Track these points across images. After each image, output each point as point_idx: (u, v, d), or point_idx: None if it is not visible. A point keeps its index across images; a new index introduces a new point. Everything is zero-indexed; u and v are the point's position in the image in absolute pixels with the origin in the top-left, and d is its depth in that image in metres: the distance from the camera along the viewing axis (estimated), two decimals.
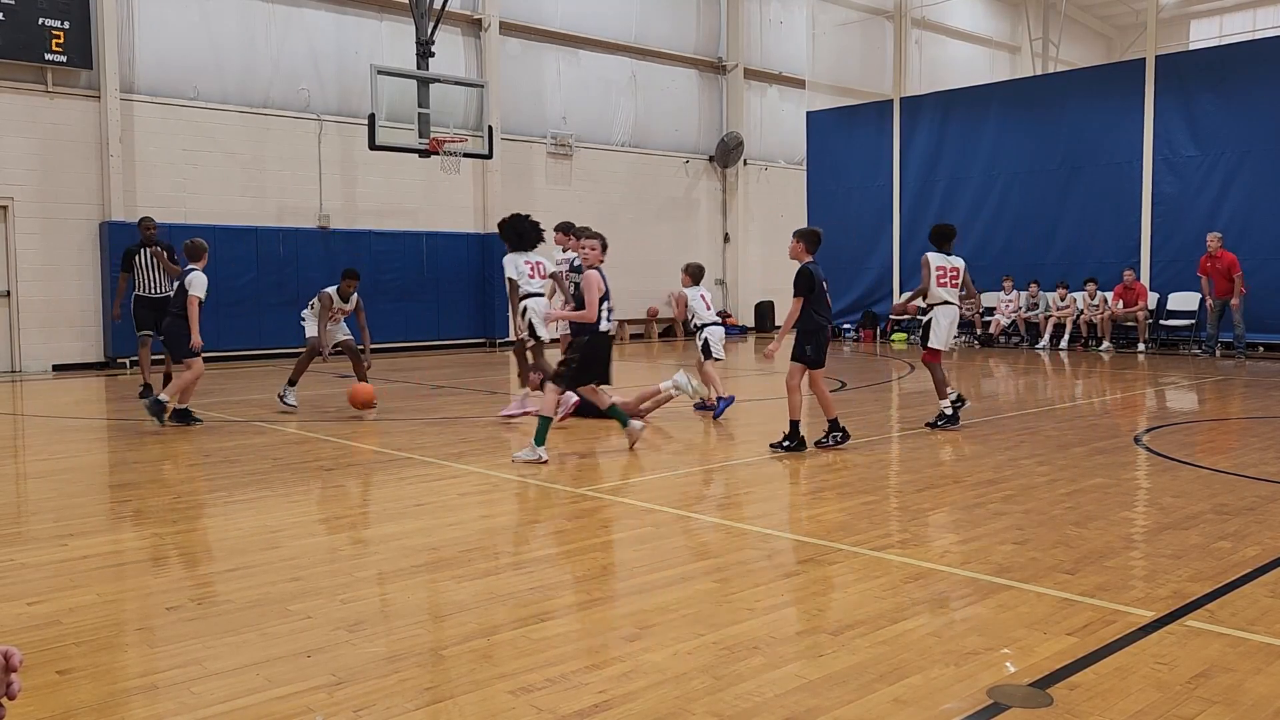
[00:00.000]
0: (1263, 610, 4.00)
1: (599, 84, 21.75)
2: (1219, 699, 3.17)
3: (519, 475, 6.97)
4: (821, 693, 3.24)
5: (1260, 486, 6.34)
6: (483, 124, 16.69)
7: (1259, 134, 16.18)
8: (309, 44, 17.69)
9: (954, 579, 4.45)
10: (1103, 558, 4.76)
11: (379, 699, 3.22)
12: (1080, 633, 3.75)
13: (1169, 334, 17.26)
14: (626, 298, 21.49)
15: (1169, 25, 25.86)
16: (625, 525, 5.60)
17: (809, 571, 4.64)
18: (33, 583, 4.56)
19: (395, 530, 5.52)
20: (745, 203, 24.59)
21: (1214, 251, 15.50)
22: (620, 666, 3.47)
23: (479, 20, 19.62)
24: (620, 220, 21.70)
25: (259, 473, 7.18)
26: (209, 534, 5.52)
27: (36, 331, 15.24)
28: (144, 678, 3.50)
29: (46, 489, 6.79)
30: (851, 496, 6.18)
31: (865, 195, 21.52)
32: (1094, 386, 12.51)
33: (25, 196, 15.03)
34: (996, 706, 3.13)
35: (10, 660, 1.53)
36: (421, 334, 18.76)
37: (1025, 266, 18.75)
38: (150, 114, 16.06)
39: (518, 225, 9.94)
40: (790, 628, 3.88)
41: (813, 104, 22.68)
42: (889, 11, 22.36)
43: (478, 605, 4.18)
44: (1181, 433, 8.78)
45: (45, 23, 14.80)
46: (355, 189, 18.31)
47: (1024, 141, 19.02)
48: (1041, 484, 6.46)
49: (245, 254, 16.83)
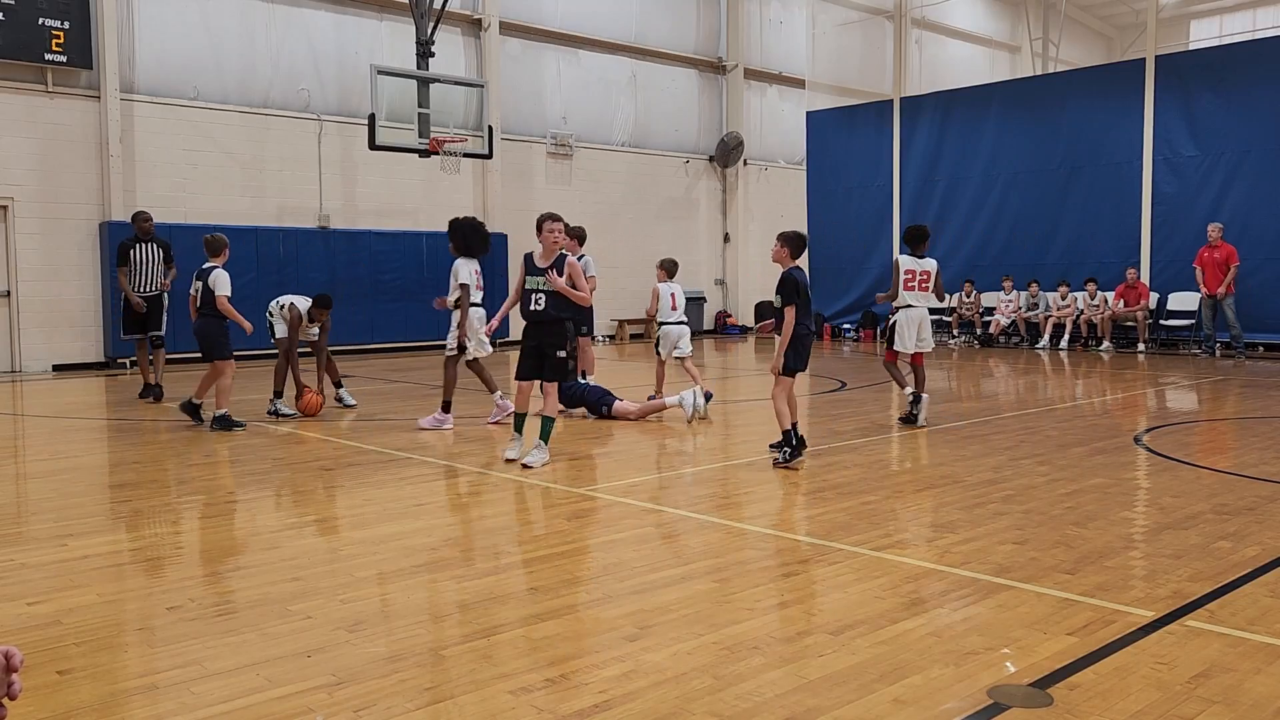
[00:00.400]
0: (1263, 610, 4.00)
1: (599, 84, 21.75)
2: (1219, 699, 3.17)
3: (519, 475, 6.97)
4: (821, 693, 3.24)
5: (1260, 486, 6.34)
6: (483, 124, 16.69)
7: (1259, 134, 16.19)
8: (309, 44, 17.69)
9: (954, 579, 4.45)
10: (1103, 558, 4.76)
11: (379, 699, 3.22)
12: (1080, 633, 3.75)
13: (1169, 334, 17.27)
14: (626, 297, 21.51)
15: (1169, 25, 25.86)
16: (625, 525, 5.60)
17: (809, 571, 4.64)
18: (33, 583, 4.56)
19: (395, 530, 5.52)
20: (745, 203, 24.58)
21: (1214, 241, 15.51)
22: (620, 666, 3.47)
23: (479, 20, 19.61)
24: (620, 220, 21.71)
25: (259, 473, 7.18)
26: (209, 534, 5.51)
27: (36, 331, 15.24)
28: (144, 678, 3.50)
29: (46, 489, 6.79)
30: (851, 496, 6.18)
31: (865, 195, 21.52)
32: (1094, 386, 12.50)
33: (25, 196, 15.03)
34: (996, 706, 3.13)
35: (11, 661, 1.53)
36: (421, 334, 18.74)
37: (1025, 266, 18.75)
38: (150, 114, 16.06)
39: (470, 232, 9.27)
40: (790, 628, 3.88)
41: (813, 104, 22.69)
42: (889, 11, 22.37)
43: (478, 605, 4.18)
44: (1181, 433, 8.79)
45: (45, 23, 14.80)
46: (355, 189, 18.31)
47: (1024, 141, 19.02)
48: (1042, 484, 6.46)
49: (245, 254, 16.78)
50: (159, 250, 11.56)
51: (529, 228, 22.65)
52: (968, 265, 19.71)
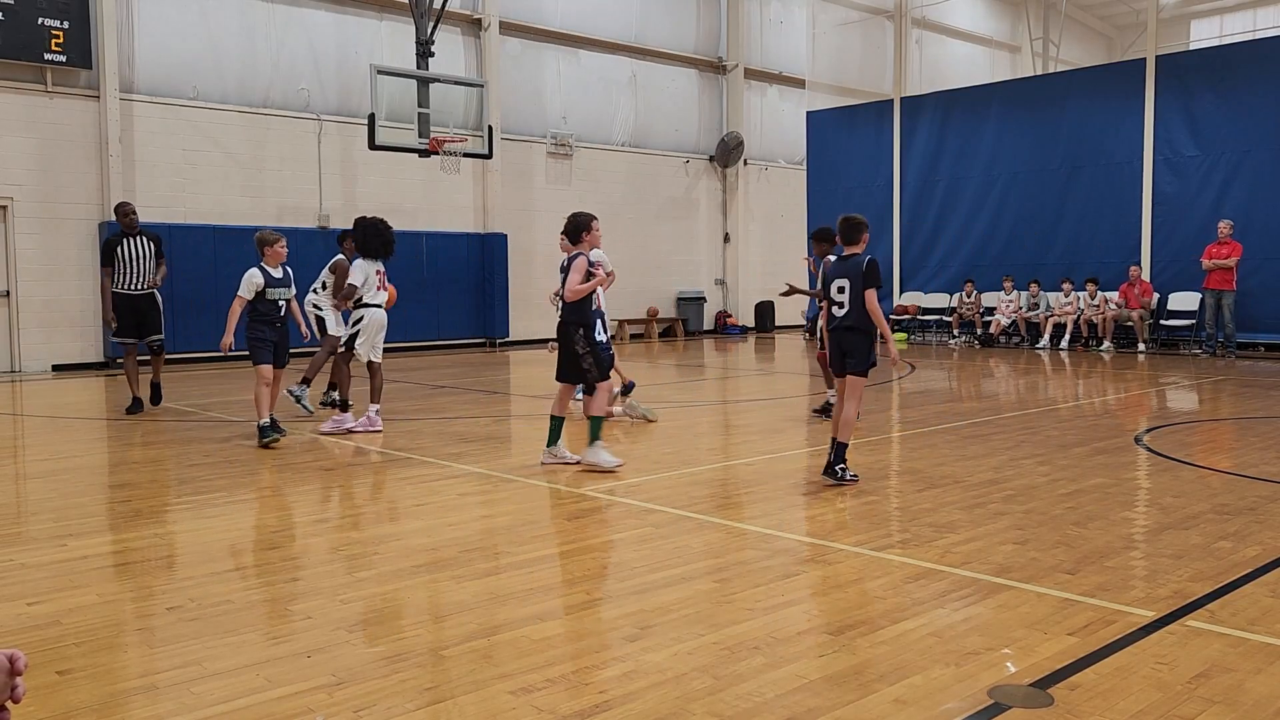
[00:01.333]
0: (1263, 610, 3.99)
1: (599, 84, 21.75)
2: (1219, 699, 3.17)
3: (519, 475, 6.97)
4: (822, 693, 3.24)
5: (1261, 486, 6.34)
6: (483, 124, 16.69)
7: (1259, 134, 16.18)
8: (309, 44, 17.69)
9: (954, 579, 4.45)
10: (1103, 558, 4.75)
11: (379, 699, 3.22)
12: (1081, 633, 3.75)
13: (1169, 334, 17.26)
14: (626, 297, 21.50)
15: (1169, 25, 25.85)
16: (625, 525, 5.60)
17: (809, 571, 4.64)
18: (33, 583, 4.56)
19: (395, 530, 5.52)
20: (745, 202, 24.58)
21: (1224, 238, 15.51)
22: (620, 666, 3.47)
23: (479, 20, 19.61)
24: (620, 220, 21.69)
25: (259, 473, 7.18)
26: (209, 534, 5.51)
27: (36, 331, 15.23)
28: (144, 678, 3.50)
29: (46, 489, 6.79)
30: (851, 496, 6.18)
31: (865, 195, 21.50)
32: (1095, 386, 12.50)
33: (25, 196, 15.03)
34: (997, 707, 3.13)
35: (15, 664, 1.52)
36: (421, 334, 18.75)
37: (1026, 266, 18.75)
38: (150, 114, 16.06)
39: (371, 233, 8.93)
40: (790, 628, 3.87)
41: (813, 104, 22.69)
42: (889, 11, 22.37)
43: (478, 605, 4.18)
44: (1182, 433, 8.78)
45: (45, 22, 14.79)
46: (355, 189, 18.31)
47: (1024, 141, 19.02)
48: (1042, 484, 6.45)
49: (245, 254, 16.74)
50: (148, 245, 10.33)
51: (529, 227, 22.76)
52: (968, 265, 19.72)
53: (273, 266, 8.57)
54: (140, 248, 10.26)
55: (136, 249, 10.24)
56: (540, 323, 19.23)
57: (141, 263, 10.26)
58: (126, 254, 10.21)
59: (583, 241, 7.50)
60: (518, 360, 17.11)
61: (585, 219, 7.55)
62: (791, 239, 23.04)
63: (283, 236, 8.72)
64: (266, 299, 8.48)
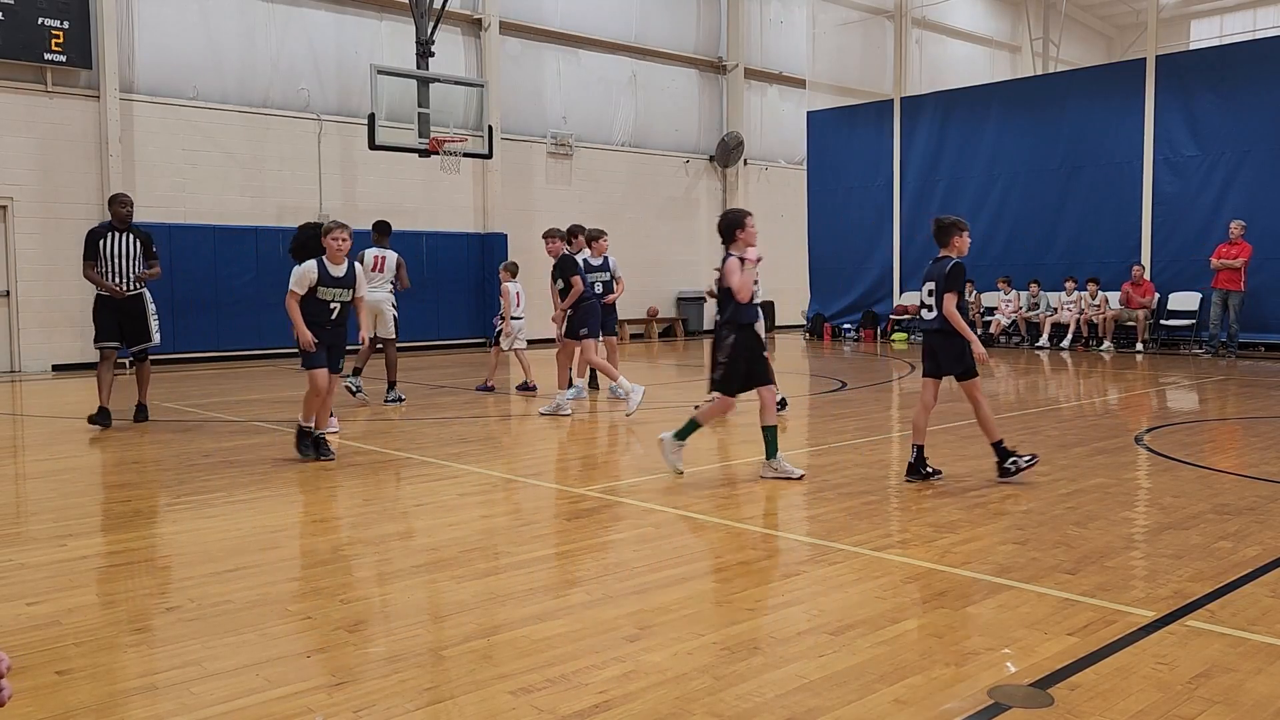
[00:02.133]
0: (1263, 610, 3.99)
1: (599, 84, 21.75)
2: (1220, 699, 3.17)
3: (518, 475, 6.97)
4: (822, 693, 3.24)
5: (1261, 486, 6.34)
6: (483, 124, 16.68)
7: (1259, 134, 16.18)
8: (309, 44, 17.69)
9: (954, 579, 4.45)
10: (1103, 558, 4.75)
11: (379, 699, 3.22)
12: (1081, 633, 3.75)
13: (1169, 334, 17.26)
14: (626, 297, 21.42)
15: (1169, 25, 25.84)
16: (625, 525, 5.60)
17: (809, 571, 4.64)
18: (32, 583, 4.55)
19: (395, 530, 5.52)
20: (745, 202, 24.55)
21: (1236, 239, 15.51)
22: (620, 666, 3.47)
23: (479, 20, 19.61)
24: (620, 220, 21.68)
25: (259, 473, 7.17)
26: (208, 534, 5.51)
27: (36, 331, 15.23)
28: (144, 678, 3.50)
29: (46, 489, 6.78)
30: (851, 496, 6.17)
31: (865, 195, 21.51)
32: (1095, 386, 12.50)
33: (25, 196, 15.03)
34: (997, 707, 3.13)
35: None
36: (421, 334, 18.74)
37: (1026, 266, 18.74)
38: (150, 114, 16.06)
39: (313, 245, 7.64)
40: (790, 628, 3.87)
41: (813, 104, 22.68)
42: (889, 11, 22.36)
43: (478, 605, 4.17)
44: (1182, 432, 8.78)
45: (45, 22, 14.79)
46: (355, 189, 18.30)
47: (1024, 141, 19.01)
48: (1042, 484, 6.45)
49: (245, 254, 16.83)
50: (135, 242, 9.40)
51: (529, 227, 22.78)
52: (968, 265, 19.61)
53: (336, 264, 7.47)
54: (126, 245, 9.34)
55: (122, 246, 9.32)
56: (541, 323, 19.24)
57: (124, 261, 9.33)
58: (109, 250, 9.29)
59: (736, 240, 6.93)
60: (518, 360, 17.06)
61: (739, 215, 6.95)
62: (792, 239, 23.04)
63: (342, 226, 7.48)
64: (317, 298, 7.43)
